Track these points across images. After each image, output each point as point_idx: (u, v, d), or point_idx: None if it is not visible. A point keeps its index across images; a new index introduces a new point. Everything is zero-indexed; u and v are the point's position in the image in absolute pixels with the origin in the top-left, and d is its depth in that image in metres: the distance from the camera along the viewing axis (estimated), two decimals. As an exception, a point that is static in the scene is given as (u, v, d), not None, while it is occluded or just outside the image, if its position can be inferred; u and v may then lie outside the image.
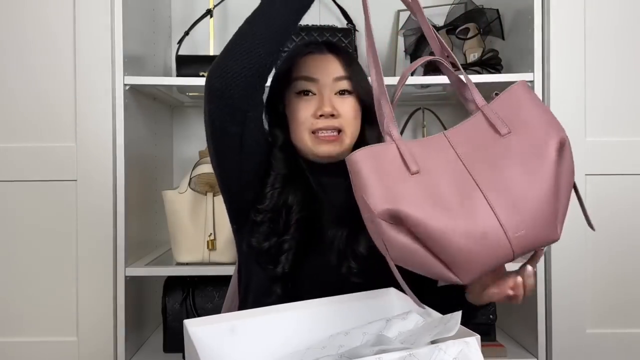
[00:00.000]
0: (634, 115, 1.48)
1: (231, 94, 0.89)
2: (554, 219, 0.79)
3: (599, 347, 1.47)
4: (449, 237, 0.76)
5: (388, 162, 0.82)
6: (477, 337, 0.62)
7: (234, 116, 0.91)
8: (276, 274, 0.98)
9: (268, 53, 0.90)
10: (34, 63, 1.46)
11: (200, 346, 0.71)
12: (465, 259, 0.78)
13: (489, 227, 0.77)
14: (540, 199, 0.77)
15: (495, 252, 0.77)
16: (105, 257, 1.46)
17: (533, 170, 0.77)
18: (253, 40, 0.90)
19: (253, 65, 0.89)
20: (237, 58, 0.89)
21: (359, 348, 0.64)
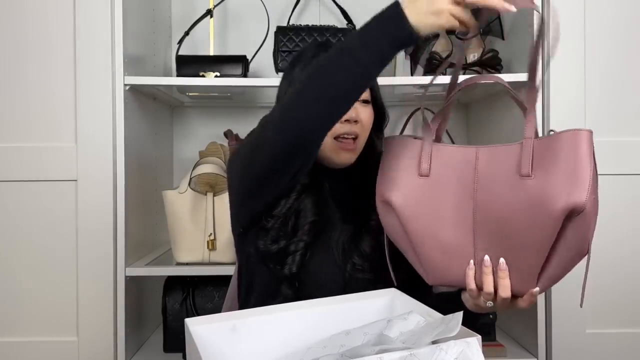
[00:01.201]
0: (634, 115, 1.48)
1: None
2: (533, 275, 0.80)
3: (599, 347, 1.47)
4: (425, 242, 0.84)
5: (407, 157, 0.88)
6: (478, 337, 0.62)
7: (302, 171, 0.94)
8: (284, 274, 0.98)
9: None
10: (34, 63, 1.46)
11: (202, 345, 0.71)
12: (433, 267, 0.85)
13: (464, 250, 0.83)
14: (524, 246, 0.78)
15: (461, 277, 0.84)
16: (105, 257, 1.46)
17: (532, 222, 0.76)
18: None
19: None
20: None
21: (360, 348, 0.64)
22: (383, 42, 0.79)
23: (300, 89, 0.83)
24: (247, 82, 1.57)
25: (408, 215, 0.84)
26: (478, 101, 1.91)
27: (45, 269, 1.46)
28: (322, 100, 0.81)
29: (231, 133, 1.71)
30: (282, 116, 0.86)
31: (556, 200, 0.74)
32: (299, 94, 0.84)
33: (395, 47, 0.80)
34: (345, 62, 0.80)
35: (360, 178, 1.09)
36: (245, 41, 1.91)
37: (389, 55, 0.81)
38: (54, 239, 1.46)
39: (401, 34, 0.79)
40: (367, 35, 0.81)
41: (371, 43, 0.80)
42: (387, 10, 0.81)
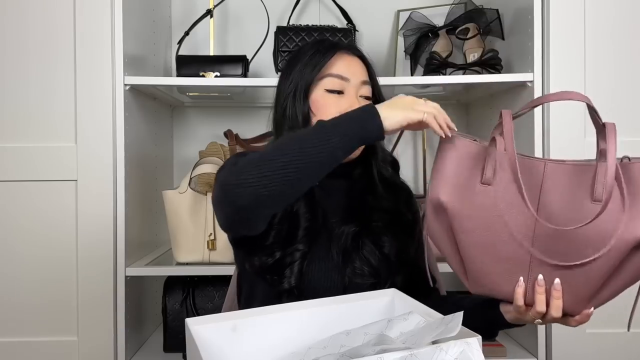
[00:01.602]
0: (634, 115, 1.48)
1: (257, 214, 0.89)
2: (586, 300, 0.80)
3: (599, 347, 1.47)
4: (479, 254, 0.80)
5: (470, 160, 0.83)
6: (479, 337, 0.62)
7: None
8: (283, 288, 0.97)
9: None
10: (34, 63, 1.46)
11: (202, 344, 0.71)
12: (480, 277, 0.82)
13: (519, 265, 0.80)
14: (583, 276, 0.77)
15: (509, 291, 0.82)
16: (105, 257, 1.46)
17: (594, 250, 0.75)
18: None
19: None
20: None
21: (360, 348, 0.64)
22: (354, 129, 0.84)
23: (266, 156, 0.85)
24: (247, 82, 1.57)
25: (464, 222, 0.80)
26: (478, 101, 1.92)
27: (45, 269, 1.46)
28: (285, 168, 0.83)
29: (231, 133, 1.71)
30: (241, 180, 0.85)
31: (629, 231, 0.74)
32: (264, 160, 0.84)
33: (361, 139, 0.86)
34: (317, 137, 0.84)
35: (360, 176, 1.08)
36: (245, 41, 1.91)
37: (353, 144, 0.85)
38: (54, 239, 1.46)
39: (372, 127, 0.84)
40: (341, 122, 0.86)
41: (343, 127, 0.85)
42: (362, 107, 0.88)
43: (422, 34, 1.78)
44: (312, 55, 1.05)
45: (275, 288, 0.98)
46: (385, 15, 1.99)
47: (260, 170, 0.83)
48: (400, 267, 1.04)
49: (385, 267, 1.02)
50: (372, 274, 1.00)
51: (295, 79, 1.05)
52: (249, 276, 1.06)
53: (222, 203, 0.89)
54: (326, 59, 1.03)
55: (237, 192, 0.84)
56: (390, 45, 1.99)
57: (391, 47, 1.98)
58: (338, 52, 1.05)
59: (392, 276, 1.02)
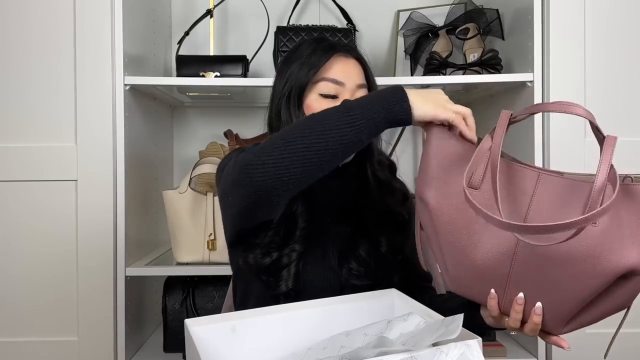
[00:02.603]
0: (634, 115, 1.48)
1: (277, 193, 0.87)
2: (564, 319, 0.75)
3: (599, 347, 1.46)
4: (456, 257, 0.78)
5: (459, 159, 0.80)
6: (479, 339, 0.62)
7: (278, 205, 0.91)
8: (280, 291, 0.96)
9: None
10: (34, 63, 1.46)
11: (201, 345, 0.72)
12: (457, 279, 0.81)
13: (494, 281, 0.77)
14: (563, 297, 0.73)
15: (485, 297, 0.79)
16: (105, 257, 1.46)
17: (582, 272, 0.69)
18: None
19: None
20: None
21: (360, 350, 0.64)
22: (381, 112, 0.81)
23: (287, 137, 0.83)
24: (247, 82, 1.57)
25: (444, 223, 0.77)
26: (478, 101, 1.91)
27: (45, 269, 1.46)
28: (307, 151, 0.81)
29: (231, 133, 1.71)
30: (262, 161, 0.83)
31: (618, 257, 0.68)
32: (284, 141, 0.82)
33: (388, 122, 0.83)
34: (339, 118, 0.81)
35: (355, 177, 1.07)
36: (245, 41, 1.92)
37: (379, 128, 0.83)
38: (54, 239, 1.46)
39: (400, 111, 0.81)
40: (367, 102, 0.83)
41: (369, 109, 0.81)
42: (390, 89, 0.84)
43: (422, 34, 1.78)
44: (309, 55, 1.04)
45: (272, 290, 0.97)
46: (385, 15, 1.99)
47: (282, 152, 0.81)
48: (397, 267, 1.04)
49: (381, 267, 1.01)
50: (368, 274, 1.00)
51: (291, 80, 1.04)
52: (245, 275, 1.05)
53: (241, 184, 0.86)
54: (322, 61, 1.02)
55: (258, 172, 0.82)
56: (390, 45, 1.99)
57: (391, 47, 1.98)
58: (335, 55, 1.03)
59: (388, 276, 1.02)
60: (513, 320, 0.79)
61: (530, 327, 0.78)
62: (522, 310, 0.77)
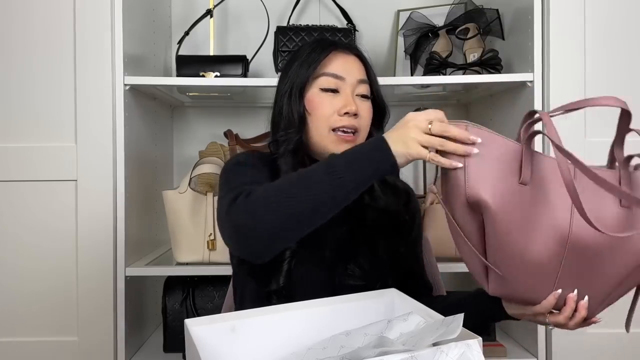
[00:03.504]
0: (633, 115, 1.47)
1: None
2: (601, 300, 0.80)
3: (599, 347, 1.47)
4: (510, 255, 0.77)
5: (507, 158, 0.79)
6: (479, 339, 0.62)
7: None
8: (272, 288, 0.97)
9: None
10: (34, 63, 1.46)
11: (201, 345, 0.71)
12: (508, 278, 0.79)
13: (547, 273, 0.78)
14: (607, 276, 0.77)
15: (534, 293, 0.80)
16: (105, 257, 1.46)
17: (624, 255, 0.75)
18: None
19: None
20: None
21: (360, 350, 0.64)
22: (368, 169, 0.82)
23: (278, 199, 0.83)
24: (247, 82, 1.57)
25: (501, 221, 0.76)
26: (478, 101, 1.92)
27: (45, 269, 1.46)
28: (300, 215, 0.83)
29: (231, 133, 1.71)
30: (255, 226, 0.84)
31: None
32: (276, 204, 0.83)
33: (376, 177, 0.85)
34: (330, 182, 0.82)
35: None
36: (245, 41, 1.91)
37: (368, 182, 0.84)
38: (54, 239, 1.46)
39: (385, 164, 0.82)
40: (354, 161, 0.83)
41: (357, 167, 0.82)
42: (373, 142, 0.84)
43: (422, 34, 1.78)
44: (309, 54, 1.05)
45: (264, 288, 0.98)
46: (385, 15, 1.99)
47: (272, 218, 0.82)
48: (393, 269, 1.04)
49: (377, 269, 1.01)
50: (363, 275, 1.00)
51: (292, 78, 1.05)
52: (241, 275, 1.05)
53: (235, 245, 0.89)
54: (321, 57, 1.03)
55: (252, 238, 0.84)
56: (390, 45, 1.99)
57: (391, 47, 1.98)
58: (334, 51, 1.04)
59: (383, 278, 1.01)
60: (565, 317, 0.81)
61: (576, 321, 0.81)
62: (574, 306, 0.80)
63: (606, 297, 0.80)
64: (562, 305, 0.80)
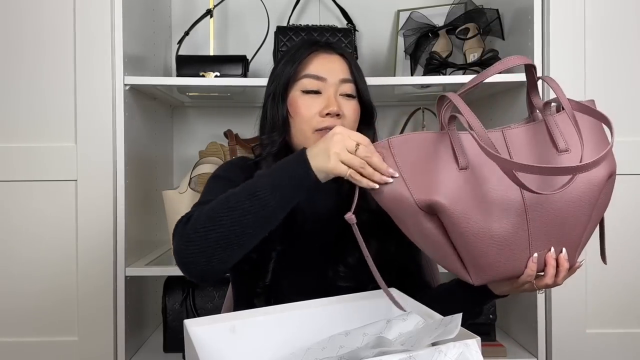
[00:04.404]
0: (634, 115, 1.48)
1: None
2: (577, 247, 0.80)
3: (599, 347, 1.47)
4: (478, 241, 0.77)
5: (438, 152, 0.80)
6: (478, 339, 0.62)
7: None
8: (258, 288, 0.97)
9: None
10: (34, 63, 1.46)
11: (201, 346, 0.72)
12: (485, 264, 0.79)
13: (519, 243, 0.78)
14: (574, 225, 0.78)
15: (514, 267, 0.79)
16: (105, 257, 1.46)
17: (582, 195, 0.77)
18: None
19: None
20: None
21: (359, 350, 0.64)
22: (287, 187, 0.82)
23: (203, 224, 0.83)
24: (247, 82, 1.57)
25: (459, 214, 0.76)
26: (478, 101, 1.91)
27: (45, 269, 1.46)
28: (223, 238, 0.82)
29: (231, 133, 1.71)
30: (190, 251, 0.84)
31: (599, 169, 0.76)
32: (201, 229, 0.83)
33: (299, 191, 0.83)
34: (253, 206, 0.82)
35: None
36: (245, 41, 1.92)
37: (292, 199, 0.83)
38: (54, 239, 1.46)
39: (307, 181, 0.82)
40: (275, 179, 0.83)
41: (279, 187, 0.82)
42: (294, 156, 0.84)
43: (422, 34, 1.78)
44: (292, 55, 1.05)
45: (252, 288, 0.97)
46: (385, 15, 1.99)
47: (201, 241, 0.82)
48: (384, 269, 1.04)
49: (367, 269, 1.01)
50: (353, 276, 0.99)
51: (276, 79, 1.05)
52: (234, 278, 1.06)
53: (180, 266, 0.87)
54: (301, 58, 1.03)
55: (187, 261, 0.84)
56: (390, 45, 1.99)
57: (391, 47, 1.98)
58: (315, 52, 1.04)
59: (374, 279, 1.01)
60: (550, 276, 0.81)
61: (562, 275, 0.82)
62: (556, 263, 0.81)
63: (580, 242, 0.81)
64: (544, 267, 0.82)
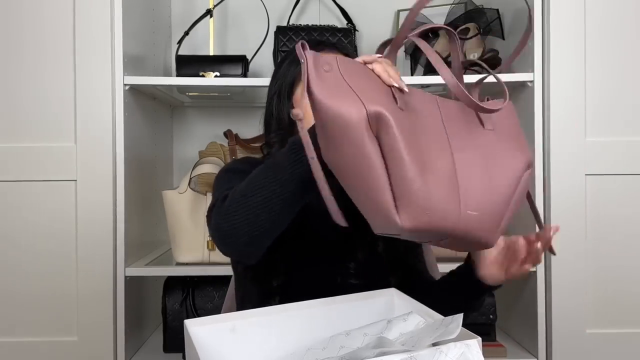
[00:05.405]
0: (634, 115, 1.48)
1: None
2: (497, 225, 0.77)
3: (599, 347, 1.47)
4: (411, 169, 0.70)
5: (379, 84, 0.78)
6: (479, 339, 0.62)
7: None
8: (271, 288, 0.97)
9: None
10: (34, 63, 1.46)
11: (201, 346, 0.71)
12: (416, 199, 0.70)
13: (448, 191, 0.73)
14: (498, 197, 0.77)
15: (443, 214, 0.72)
16: (105, 257, 1.46)
17: (502, 169, 0.78)
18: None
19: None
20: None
21: (359, 350, 0.64)
22: (291, 157, 0.80)
23: (236, 198, 0.82)
24: (247, 82, 1.57)
25: (404, 134, 0.71)
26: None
27: (45, 269, 1.46)
28: (253, 210, 0.81)
29: (231, 133, 1.71)
30: (231, 224, 0.83)
31: (518, 156, 0.80)
32: (234, 203, 0.82)
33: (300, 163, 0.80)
34: (287, 161, 0.80)
35: None
36: (245, 41, 1.91)
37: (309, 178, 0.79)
38: (54, 238, 1.46)
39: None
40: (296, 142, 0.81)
41: (300, 148, 0.79)
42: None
43: (422, 34, 1.77)
44: (292, 59, 1.06)
45: (264, 287, 0.98)
46: (385, 15, 1.99)
47: (239, 214, 0.81)
48: (394, 268, 1.04)
49: (377, 268, 1.01)
50: (364, 274, 0.99)
51: (280, 79, 1.06)
52: (242, 278, 1.05)
53: (222, 247, 0.87)
54: (298, 63, 1.02)
55: (229, 239, 0.83)
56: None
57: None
58: (321, 51, 1.02)
59: (384, 277, 1.01)
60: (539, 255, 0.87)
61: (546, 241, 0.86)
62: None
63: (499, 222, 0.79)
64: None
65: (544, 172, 1.48)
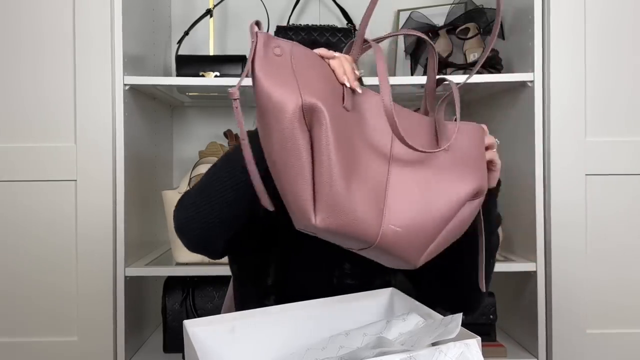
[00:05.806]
0: (634, 115, 1.48)
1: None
2: (424, 246, 0.76)
3: (599, 347, 1.47)
4: (336, 169, 0.68)
5: (331, 81, 0.76)
6: (478, 339, 0.62)
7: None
8: (266, 288, 0.97)
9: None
10: (34, 63, 1.46)
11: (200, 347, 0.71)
12: (333, 201, 0.69)
13: (371, 201, 0.71)
14: (430, 219, 0.75)
15: (362, 223, 0.70)
16: (105, 257, 1.46)
17: (443, 191, 0.77)
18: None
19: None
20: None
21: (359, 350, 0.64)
22: None
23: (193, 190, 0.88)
24: (247, 82, 1.57)
25: (338, 133, 0.69)
26: (478, 101, 1.91)
27: (45, 269, 1.46)
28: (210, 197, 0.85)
29: (231, 133, 1.71)
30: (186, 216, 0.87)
31: (465, 181, 0.78)
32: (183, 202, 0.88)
33: None
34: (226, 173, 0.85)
35: None
36: (245, 41, 1.91)
37: None
38: (54, 239, 1.46)
39: None
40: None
41: None
42: None
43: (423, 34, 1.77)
44: None
45: (258, 287, 0.98)
46: (385, 15, 1.99)
47: (192, 208, 0.86)
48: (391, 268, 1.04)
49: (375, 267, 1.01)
50: (361, 274, 0.99)
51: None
52: (238, 278, 1.06)
53: (185, 244, 0.90)
54: None
55: (181, 234, 0.88)
56: (390, 45, 1.99)
57: (391, 47, 1.98)
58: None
59: (382, 276, 1.01)
60: None
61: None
62: None
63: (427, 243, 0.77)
64: None
65: (544, 172, 1.48)
